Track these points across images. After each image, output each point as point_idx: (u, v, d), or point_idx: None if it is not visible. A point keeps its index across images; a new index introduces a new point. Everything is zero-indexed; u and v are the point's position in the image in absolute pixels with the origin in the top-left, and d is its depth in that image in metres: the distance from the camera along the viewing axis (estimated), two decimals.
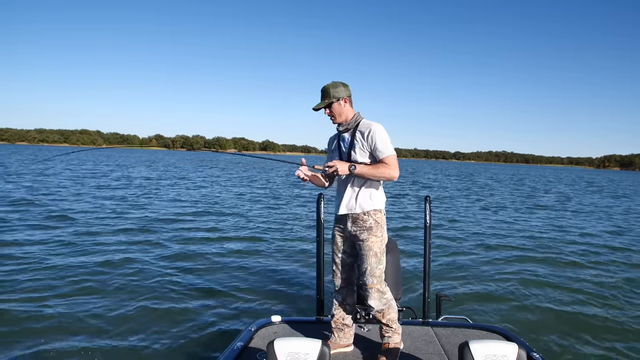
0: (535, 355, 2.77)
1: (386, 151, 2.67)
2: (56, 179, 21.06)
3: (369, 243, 2.73)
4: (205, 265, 6.92)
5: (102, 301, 5.18)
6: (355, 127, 2.80)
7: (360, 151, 2.74)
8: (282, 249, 8.39)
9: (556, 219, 14.69)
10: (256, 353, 2.80)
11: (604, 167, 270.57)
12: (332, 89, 2.76)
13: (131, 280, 5.97)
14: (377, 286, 2.76)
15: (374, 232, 2.74)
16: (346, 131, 2.83)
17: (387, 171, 2.65)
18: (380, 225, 2.77)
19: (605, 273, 7.48)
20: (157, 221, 10.68)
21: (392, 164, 2.67)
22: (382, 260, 2.77)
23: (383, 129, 2.73)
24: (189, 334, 4.42)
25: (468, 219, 13.68)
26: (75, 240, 8.13)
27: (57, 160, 40.11)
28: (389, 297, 2.85)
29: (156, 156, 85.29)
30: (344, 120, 2.82)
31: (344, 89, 2.79)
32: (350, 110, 2.82)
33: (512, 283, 6.62)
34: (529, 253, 8.82)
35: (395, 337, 2.88)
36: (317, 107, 2.81)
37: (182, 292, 5.61)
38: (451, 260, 7.91)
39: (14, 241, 7.79)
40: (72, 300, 5.18)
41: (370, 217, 2.74)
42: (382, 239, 2.77)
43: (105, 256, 7.09)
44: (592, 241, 10.60)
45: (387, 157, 2.67)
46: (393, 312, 2.87)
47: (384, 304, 2.81)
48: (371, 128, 2.71)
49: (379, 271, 2.76)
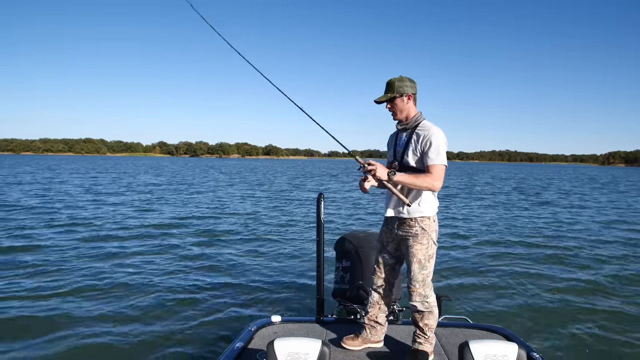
0: (535, 355, 2.77)
1: (436, 159, 2.57)
2: (68, 187, 21.23)
3: (413, 250, 2.70)
4: (205, 266, 6.96)
5: (102, 301, 5.23)
6: (414, 127, 2.70)
7: (413, 154, 2.65)
8: (282, 249, 8.41)
9: (556, 218, 14.63)
10: (256, 353, 2.80)
11: (608, 163, 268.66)
12: (398, 82, 2.67)
13: (131, 281, 6.00)
14: (419, 290, 2.74)
15: (419, 240, 2.69)
16: (404, 130, 2.75)
17: (429, 181, 2.56)
18: (427, 232, 2.69)
19: (605, 273, 7.45)
20: (157, 225, 10.70)
21: (436, 174, 2.56)
22: (426, 266, 2.73)
23: (442, 136, 2.61)
24: (189, 334, 4.44)
25: (468, 219, 13.66)
26: (75, 244, 8.20)
27: (63, 169, 40.34)
28: (432, 303, 2.81)
29: (160, 163, 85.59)
30: (405, 118, 2.73)
31: (411, 85, 2.70)
32: (413, 109, 2.73)
33: (512, 283, 6.62)
34: (529, 253, 8.80)
35: (427, 345, 2.81)
36: (380, 100, 2.72)
37: (182, 293, 5.64)
38: (451, 260, 7.92)
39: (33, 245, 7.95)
40: (71, 299, 5.24)
41: (417, 223, 2.68)
42: (427, 246, 2.71)
43: (104, 259, 7.12)
44: (593, 241, 10.56)
45: (435, 166, 2.57)
46: (432, 320, 2.81)
47: (426, 307, 2.78)
48: (429, 131, 2.61)
49: (422, 276, 2.73)
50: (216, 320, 4.81)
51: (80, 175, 34.01)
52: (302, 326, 3.34)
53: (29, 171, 37.79)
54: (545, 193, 25.33)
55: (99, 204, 15.30)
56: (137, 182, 27.59)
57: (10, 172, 35.77)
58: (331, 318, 3.55)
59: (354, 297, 3.68)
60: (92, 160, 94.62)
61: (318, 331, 3.24)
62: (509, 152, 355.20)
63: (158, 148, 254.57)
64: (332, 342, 3.03)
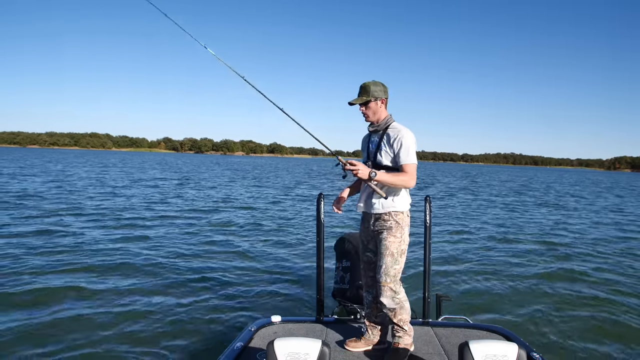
0: (535, 355, 2.77)
1: (407, 159, 2.73)
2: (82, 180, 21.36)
3: (386, 242, 2.78)
4: (204, 266, 6.93)
5: (102, 301, 5.20)
6: (385, 129, 2.84)
7: (385, 154, 2.80)
8: (282, 248, 8.39)
9: (556, 218, 14.62)
10: (256, 353, 2.81)
11: (614, 168, 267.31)
12: (373, 86, 2.80)
13: (131, 281, 5.97)
14: (390, 285, 2.79)
15: (393, 233, 2.78)
16: (376, 132, 2.89)
17: (405, 179, 2.71)
18: (401, 226, 2.81)
19: (605, 272, 7.46)
20: (155, 223, 10.67)
21: (410, 172, 2.73)
22: (398, 261, 2.80)
23: (411, 136, 2.76)
24: (189, 334, 4.43)
25: (468, 219, 13.64)
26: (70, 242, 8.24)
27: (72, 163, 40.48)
28: (403, 298, 2.86)
29: (164, 159, 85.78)
30: (376, 120, 2.87)
31: (384, 90, 2.84)
32: (384, 112, 2.87)
33: (512, 283, 6.62)
34: (529, 253, 8.80)
35: (406, 338, 2.90)
36: (354, 102, 2.84)
37: (182, 293, 5.62)
38: (451, 260, 7.90)
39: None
40: (71, 299, 5.23)
41: (392, 217, 2.79)
42: (400, 240, 2.80)
43: (101, 257, 7.10)
44: (593, 241, 10.57)
45: (407, 165, 2.73)
46: (405, 314, 2.88)
47: (397, 303, 2.82)
48: (399, 134, 2.76)
49: (394, 271, 2.79)
50: (216, 320, 4.80)
51: (107, 168, 34.17)
52: (302, 326, 3.34)
53: (53, 164, 37.87)
54: (545, 197, 25.20)
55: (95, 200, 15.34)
56: (146, 177, 27.68)
57: (46, 168, 35.87)
58: (331, 318, 3.55)
59: (354, 297, 3.70)
60: (100, 155, 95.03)
61: (318, 331, 3.24)
62: (514, 155, 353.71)
63: (163, 144, 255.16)
64: (332, 342, 3.03)
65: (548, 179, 57.62)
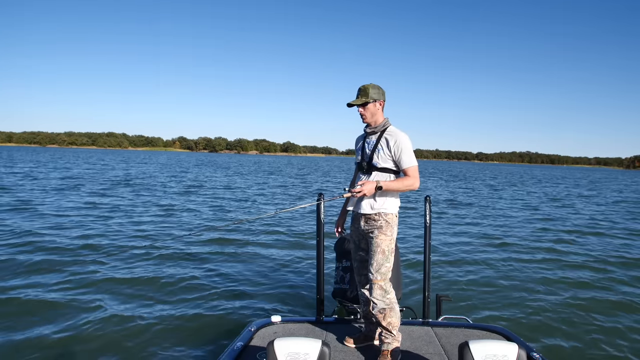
0: (535, 355, 2.76)
1: (409, 162, 2.81)
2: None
3: (377, 240, 2.83)
4: (204, 266, 6.90)
5: (101, 301, 5.20)
6: (382, 131, 2.90)
7: (382, 156, 2.85)
8: (282, 248, 8.36)
9: (556, 218, 14.40)
10: (256, 353, 2.81)
11: (633, 167, 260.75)
12: (372, 89, 2.87)
13: (130, 281, 5.95)
14: (380, 282, 2.82)
15: (384, 231, 2.84)
16: (373, 134, 2.93)
17: (410, 182, 2.81)
18: (391, 225, 2.87)
19: (606, 272, 7.38)
20: (153, 224, 10.62)
21: (413, 175, 2.81)
22: (389, 259, 2.84)
23: (408, 140, 2.85)
24: (189, 334, 4.43)
25: (469, 219, 13.51)
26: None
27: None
28: (393, 299, 2.86)
29: (179, 158, 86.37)
30: (374, 122, 2.92)
31: (382, 93, 2.92)
32: (381, 115, 2.93)
33: (512, 283, 6.58)
34: (528, 253, 8.72)
35: (395, 343, 2.86)
36: (353, 104, 2.90)
37: (182, 293, 5.60)
38: (451, 260, 7.85)
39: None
40: (70, 297, 5.25)
41: (382, 217, 2.85)
42: (391, 238, 2.86)
43: (98, 256, 7.11)
44: (593, 241, 10.44)
45: (410, 168, 2.82)
46: (395, 318, 2.86)
47: (387, 303, 2.83)
48: (397, 139, 2.82)
49: (385, 269, 2.82)
50: (216, 320, 4.79)
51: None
52: (302, 326, 3.34)
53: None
54: (546, 196, 24.74)
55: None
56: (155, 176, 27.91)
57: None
58: (331, 318, 3.56)
59: (354, 297, 3.70)
60: (121, 154, 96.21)
61: (318, 331, 3.25)
62: (529, 153, 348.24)
63: (178, 143, 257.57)
64: (332, 342, 3.04)
65: (554, 179, 56.43)
